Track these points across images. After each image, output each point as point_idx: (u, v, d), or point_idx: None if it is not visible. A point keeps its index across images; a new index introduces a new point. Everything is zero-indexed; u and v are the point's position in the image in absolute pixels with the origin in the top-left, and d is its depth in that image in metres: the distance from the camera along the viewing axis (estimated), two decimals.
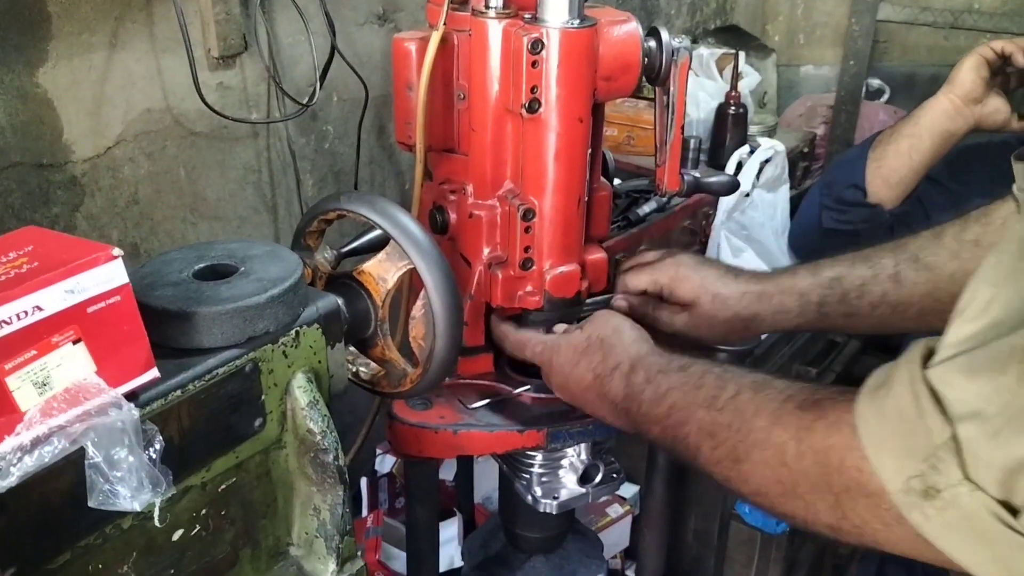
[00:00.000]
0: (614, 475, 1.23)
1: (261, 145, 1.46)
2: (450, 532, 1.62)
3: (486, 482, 1.70)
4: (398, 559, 1.56)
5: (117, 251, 0.63)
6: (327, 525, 0.83)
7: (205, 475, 0.74)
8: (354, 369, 0.95)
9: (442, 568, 1.36)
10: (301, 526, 0.85)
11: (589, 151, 1.13)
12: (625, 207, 1.77)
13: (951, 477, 0.56)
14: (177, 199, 1.36)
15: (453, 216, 1.19)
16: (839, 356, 1.98)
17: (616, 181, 1.59)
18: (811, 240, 1.84)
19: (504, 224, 1.14)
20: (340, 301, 0.85)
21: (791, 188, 1.97)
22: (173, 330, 0.72)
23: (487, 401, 1.15)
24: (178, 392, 0.69)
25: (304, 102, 1.41)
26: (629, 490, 1.68)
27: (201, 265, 0.79)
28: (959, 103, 1.57)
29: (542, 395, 1.17)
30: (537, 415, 1.14)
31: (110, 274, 0.63)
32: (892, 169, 1.57)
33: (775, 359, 1.75)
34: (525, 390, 1.18)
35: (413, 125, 1.15)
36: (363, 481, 1.70)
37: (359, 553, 0.86)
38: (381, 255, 0.88)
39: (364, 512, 1.68)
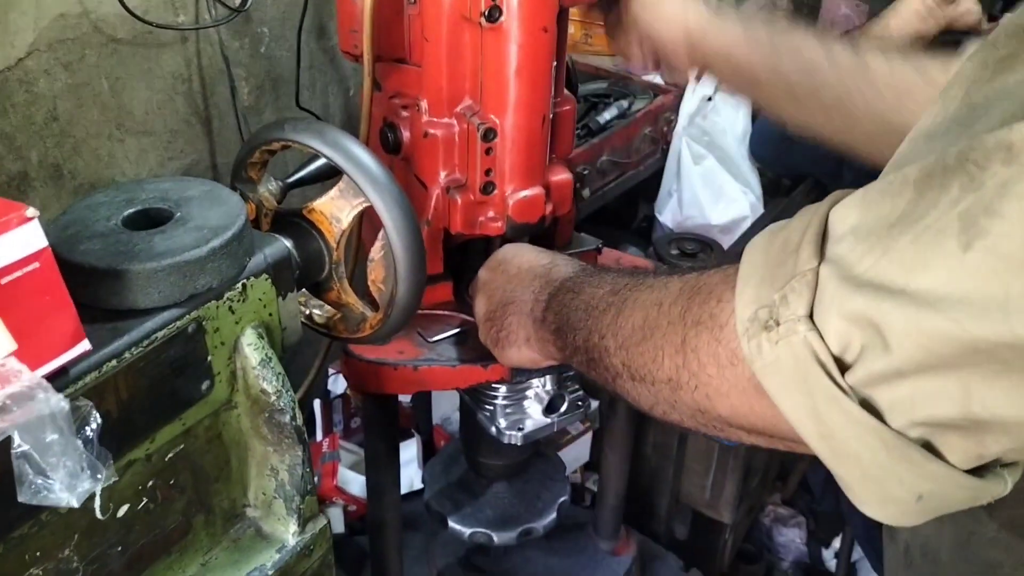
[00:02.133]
0: (579, 403, 1.20)
1: (190, 51, 1.33)
2: (409, 454, 1.59)
3: (445, 402, 1.66)
4: (355, 482, 1.53)
5: (32, 211, 0.54)
6: (286, 486, 0.77)
7: (149, 447, 0.67)
8: (307, 312, 0.88)
9: (402, 491, 1.33)
10: (258, 487, 0.79)
11: (554, 64, 1.04)
12: (584, 113, 1.68)
13: (796, 311, 0.51)
14: (101, 114, 1.24)
15: (406, 134, 1.10)
16: None
17: None
18: (773, 146, 1.78)
19: (462, 145, 1.06)
20: (290, 244, 0.77)
21: None
22: (104, 290, 0.64)
23: (448, 333, 1.10)
24: (113, 362, 0.62)
25: (236, 5, 1.28)
26: (590, 405, 1.65)
27: (131, 210, 0.70)
28: (931, 3, 1.50)
29: None
30: None
31: (25, 238, 0.54)
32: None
33: None
34: None
35: (359, 34, 1.04)
36: (316, 403, 1.65)
37: (321, 511, 0.81)
38: (334, 192, 0.79)
39: (319, 435, 1.64)
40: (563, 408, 1.18)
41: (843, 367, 0.50)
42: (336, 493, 1.48)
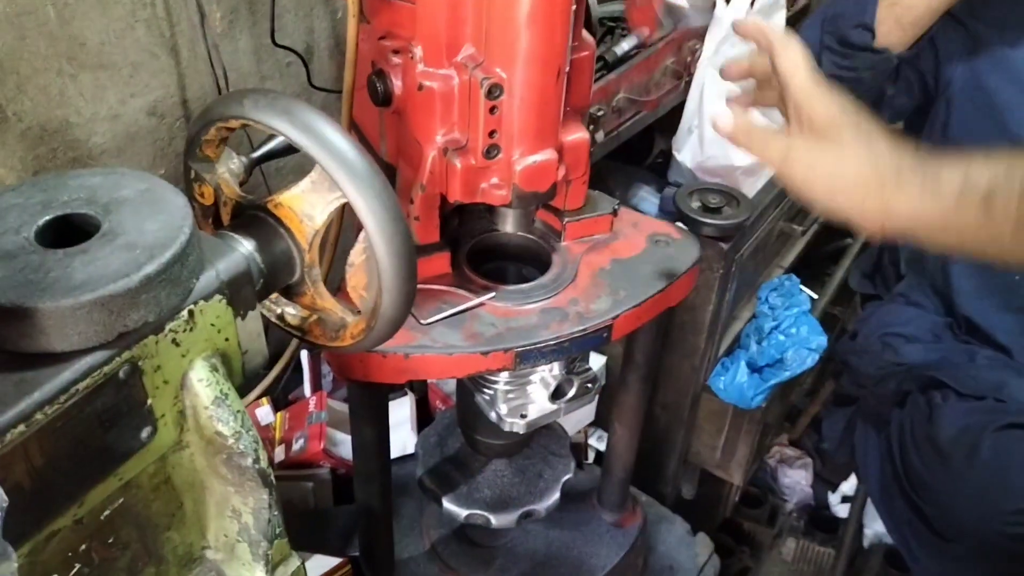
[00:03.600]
0: (589, 385, 1.08)
1: None
2: (402, 413, 1.48)
3: None
4: (344, 444, 1.43)
5: None
6: (250, 530, 0.66)
7: (77, 511, 0.56)
8: (278, 311, 0.74)
9: (394, 454, 1.23)
10: (218, 528, 0.68)
11: (573, 6, 0.88)
12: (597, 41, 1.51)
13: None
14: (48, 46, 1.08)
15: (398, 84, 0.94)
16: None
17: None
18: None
19: (463, 101, 0.91)
20: (251, 247, 0.64)
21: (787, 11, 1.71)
22: (8, 330, 0.51)
23: (444, 315, 0.97)
24: (21, 427, 0.49)
25: None
26: (596, 362, 1.55)
27: (48, 217, 0.56)
28: None
29: (508, 304, 0.99)
30: (503, 331, 0.96)
31: None
32: (907, 7, 1.33)
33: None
34: (489, 298, 0.99)
35: None
36: (304, 355, 1.54)
37: (293, 553, 0.70)
38: (306, 183, 0.65)
39: (307, 392, 1.53)
40: (571, 393, 1.06)
41: None
42: (324, 457, 1.38)
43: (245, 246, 0.63)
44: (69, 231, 0.56)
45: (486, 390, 1.06)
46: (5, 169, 1.09)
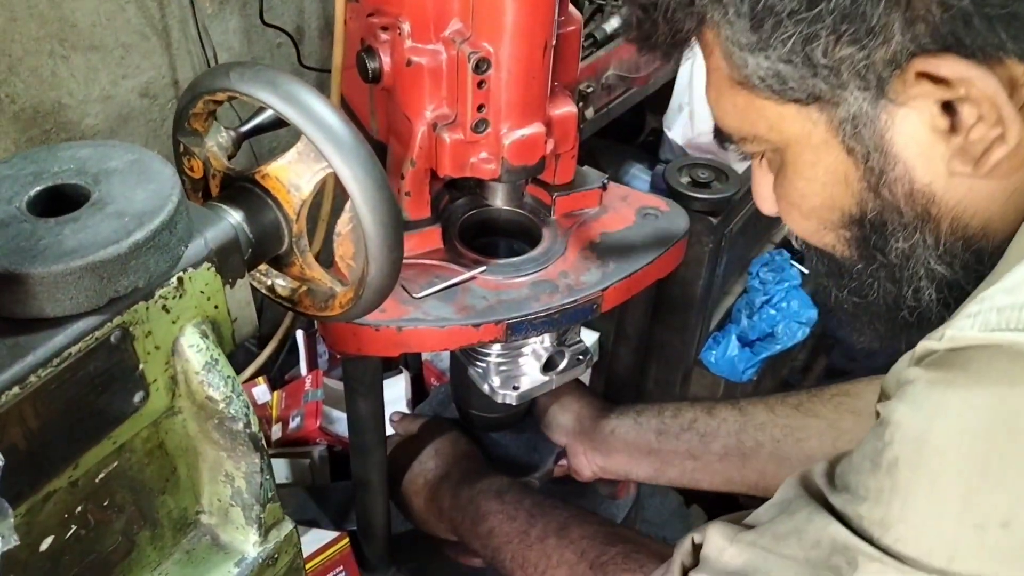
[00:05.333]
0: (580, 357, 1.10)
1: None
2: (397, 391, 1.50)
3: None
4: (340, 421, 1.44)
5: None
6: (243, 494, 0.68)
7: (73, 473, 0.57)
8: (268, 283, 0.76)
9: (389, 431, 1.25)
10: (212, 493, 0.69)
11: None
12: (586, 20, 1.51)
13: None
14: (39, 27, 1.09)
15: (387, 61, 0.96)
16: None
17: None
18: None
19: (451, 76, 0.92)
20: (240, 218, 0.65)
21: None
22: (2, 296, 0.52)
23: (436, 289, 0.98)
24: (15, 389, 0.50)
25: None
26: (589, 337, 1.56)
27: (39, 188, 0.57)
28: None
29: (499, 277, 1.01)
30: (494, 303, 0.98)
31: None
32: None
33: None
34: (480, 272, 1.01)
35: None
36: (299, 335, 1.55)
37: (286, 516, 0.71)
38: (292, 154, 0.66)
39: (303, 370, 1.54)
40: (563, 365, 1.08)
41: None
42: (320, 435, 1.40)
43: (233, 216, 0.64)
44: (60, 201, 0.57)
45: (479, 363, 1.08)
46: None
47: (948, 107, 0.56)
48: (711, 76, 0.67)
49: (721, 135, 0.70)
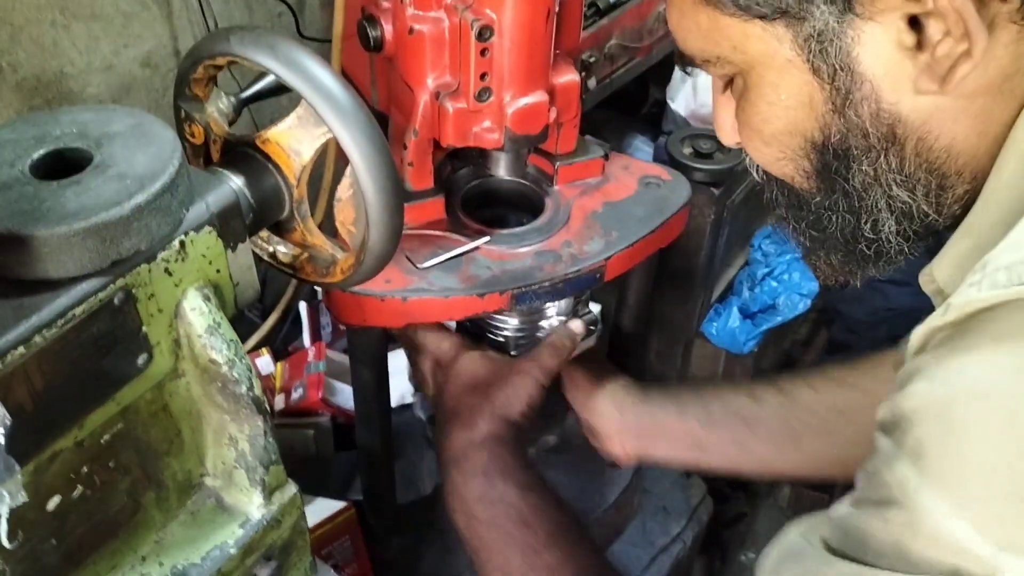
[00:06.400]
0: (592, 327, 1.10)
1: None
2: (401, 362, 1.50)
3: None
4: (342, 393, 1.45)
5: None
6: (247, 456, 0.68)
7: (78, 433, 0.58)
8: (270, 249, 0.76)
9: (393, 403, 1.26)
10: (216, 455, 0.70)
11: None
12: None
13: None
14: None
15: (388, 29, 0.95)
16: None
17: None
18: None
19: (454, 44, 0.92)
20: (241, 183, 0.65)
21: None
22: (5, 257, 0.52)
23: (440, 259, 0.98)
24: (21, 349, 0.51)
25: None
26: (592, 309, 1.56)
27: (41, 151, 0.58)
28: None
29: (503, 247, 1.01)
30: (498, 273, 0.98)
31: None
32: None
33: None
34: (484, 242, 1.01)
35: None
36: (302, 306, 1.55)
37: (289, 480, 0.72)
38: (291, 119, 0.66)
39: (306, 342, 1.55)
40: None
41: None
42: (323, 406, 1.41)
43: (235, 181, 0.65)
44: (62, 164, 0.57)
45: (498, 335, 1.08)
46: (1, 121, 1.10)
47: (915, 24, 0.56)
48: None
49: (683, 58, 0.69)
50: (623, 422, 1.10)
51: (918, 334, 0.54)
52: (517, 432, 0.95)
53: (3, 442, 0.50)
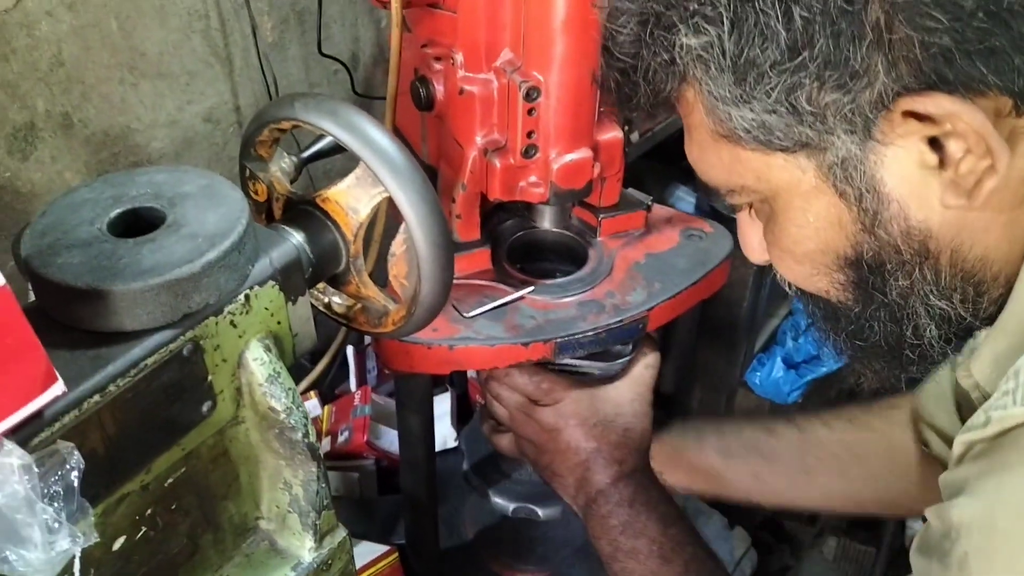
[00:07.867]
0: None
1: None
2: (442, 408, 1.53)
3: None
4: (386, 436, 1.48)
5: None
6: (300, 501, 0.71)
7: (145, 477, 0.61)
8: (325, 300, 0.79)
9: (439, 447, 1.28)
10: (271, 499, 0.73)
11: None
12: None
13: None
14: (111, 56, 1.15)
15: (440, 90, 0.99)
16: None
17: None
18: None
19: (502, 103, 0.95)
20: (301, 238, 0.69)
21: None
22: (85, 311, 0.56)
23: (486, 308, 1.01)
24: (96, 397, 0.54)
25: None
26: None
27: (118, 211, 0.62)
28: None
29: (547, 297, 1.03)
30: (542, 323, 1.00)
31: None
32: None
33: None
34: (528, 292, 1.03)
35: None
36: (349, 350, 1.59)
37: (339, 524, 0.75)
38: (351, 179, 0.70)
39: (352, 386, 1.58)
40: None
41: None
42: (367, 449, 1.43)
43: (296, 237, 0.68)
44: (137, 222, 0.61)
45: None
46: (71, 172, 1.16)
47: (935, 143, 0.56)
48: (692, 133, 0.66)
49: (708, 189, 0.70)
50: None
51: (960, 442, 0.55)
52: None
53: (78, 485, 0.53)
